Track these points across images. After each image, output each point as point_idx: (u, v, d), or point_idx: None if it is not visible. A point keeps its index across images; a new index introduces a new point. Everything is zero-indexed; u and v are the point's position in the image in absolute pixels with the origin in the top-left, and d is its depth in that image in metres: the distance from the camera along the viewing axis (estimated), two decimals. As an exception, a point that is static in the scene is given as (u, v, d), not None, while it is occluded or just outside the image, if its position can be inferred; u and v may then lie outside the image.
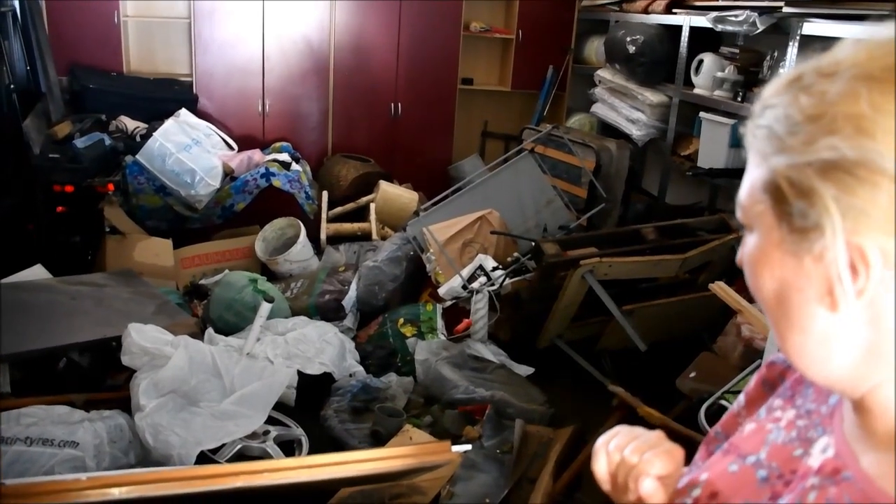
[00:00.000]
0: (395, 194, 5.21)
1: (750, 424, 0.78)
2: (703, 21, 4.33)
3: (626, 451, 0.85)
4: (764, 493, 0.71)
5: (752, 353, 2.93)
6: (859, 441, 0.66)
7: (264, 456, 2.78)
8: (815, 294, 0.61)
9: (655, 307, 3.49)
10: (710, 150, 4.37)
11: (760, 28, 3.76)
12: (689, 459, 0.92)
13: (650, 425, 2.73)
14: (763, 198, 0.63)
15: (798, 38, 3.52)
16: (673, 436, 0.82)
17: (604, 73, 5.50)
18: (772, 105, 0.63)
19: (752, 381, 0.87)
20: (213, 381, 2.86)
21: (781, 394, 0.79)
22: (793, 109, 0.61)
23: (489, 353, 3.63)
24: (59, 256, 3.96)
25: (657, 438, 0.87)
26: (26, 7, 4.58)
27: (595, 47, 5.96)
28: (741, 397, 0.88)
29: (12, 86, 3.97)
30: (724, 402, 2.57)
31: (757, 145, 0.64)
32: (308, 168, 5.40)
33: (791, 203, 0.60)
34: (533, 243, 3.67)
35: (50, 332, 3.02)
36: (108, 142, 4.57)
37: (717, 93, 4.33)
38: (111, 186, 4.33)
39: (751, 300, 2.54)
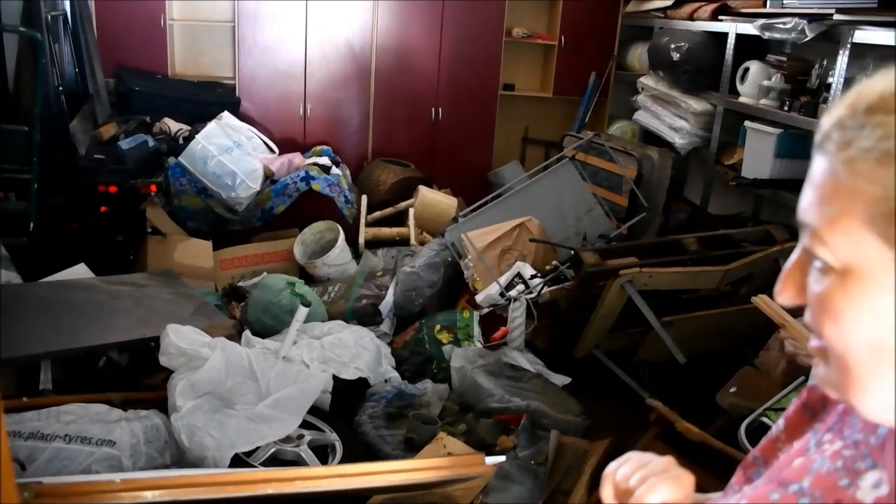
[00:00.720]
0: (434, 200, 5.20)
1: (798, 460, 0.75)
2: (749, 28, 4.25)
3: (631, 479, 0.83)
4: None
5: (796, 370, 2.85)
6: None
7: (298, 460, 2.78)
8: None
9: (696, 319, 3.42)
10: (755, 159, 4.28)
11: (809, 36, 3.67)
12: (725, 481, 0.89)
13: (688, 441, 2.67)
14: (877, 233, 0.57)
15: (849, 46, 3.43)
16: (712, 453, 0.80)
17: (647, 81, 5.43)
18: (878, 123, 0.57)
19: (793, 405, 0.84)
20: (249, 383, 2.87)
21: (832, 427, 0.76)
22: None
23: (525, 361, 3.59)
24: (102, 256, 4.04)
25: (665, 465, 0.85)
26: (77, 11, 4.68)
27: (638, 54, 5.90)
28: (780, 421, 0.85)
29: (61, 87, 4.06)
30: (765, 420, 2.51)
31: (861, 171, 0.57)
32: (348, 172, 5.42)
33: None
34: (572, 252, 3.63)
35: (91, 331, 3.07)
36: (151, 143, 4.65)
37: (763, 101, 4.24)
38: (154, 187, 4.40)
39: (794, 314, 2.47)
